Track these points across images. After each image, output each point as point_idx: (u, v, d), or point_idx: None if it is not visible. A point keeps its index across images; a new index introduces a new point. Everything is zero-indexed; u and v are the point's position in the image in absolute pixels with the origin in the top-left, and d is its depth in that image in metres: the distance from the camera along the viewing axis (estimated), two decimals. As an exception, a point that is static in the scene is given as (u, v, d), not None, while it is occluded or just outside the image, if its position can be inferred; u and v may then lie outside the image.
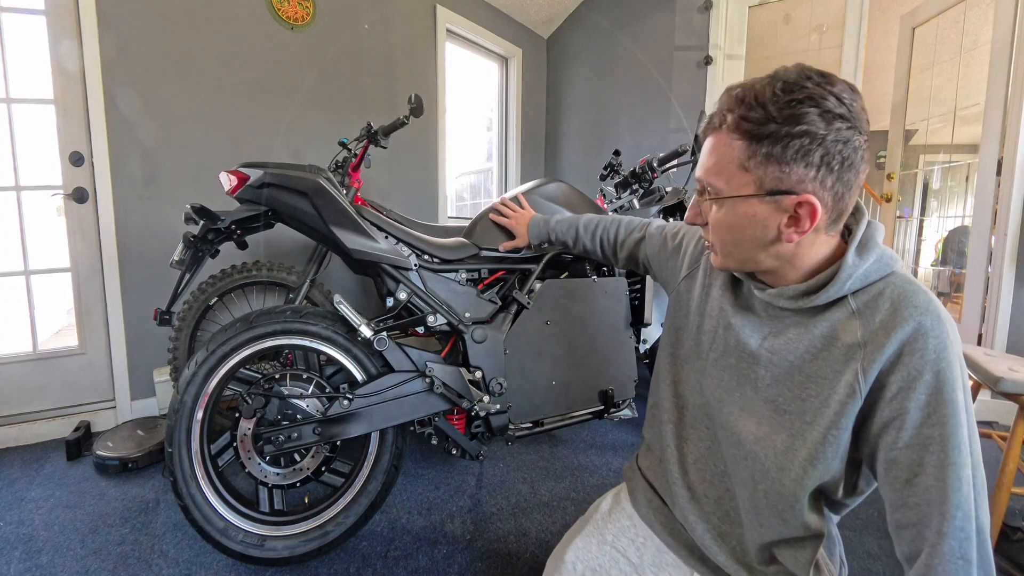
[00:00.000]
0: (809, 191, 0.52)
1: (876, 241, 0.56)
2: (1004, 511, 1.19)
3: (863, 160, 0.52)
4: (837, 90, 0.51)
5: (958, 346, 0.51)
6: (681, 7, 2.76)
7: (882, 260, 0.56)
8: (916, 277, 0.63)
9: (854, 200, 0.55)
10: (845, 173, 0.52)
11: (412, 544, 1.27)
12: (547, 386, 1.43)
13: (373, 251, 1.19)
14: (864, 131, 0.52)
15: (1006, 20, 2.13)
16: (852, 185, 0.53)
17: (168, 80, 1.99)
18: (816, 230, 0.55)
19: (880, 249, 0.56)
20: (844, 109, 0.50)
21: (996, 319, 2.10)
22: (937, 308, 0.52)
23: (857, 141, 0.51)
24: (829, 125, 0.50)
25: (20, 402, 1.85)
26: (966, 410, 0.50)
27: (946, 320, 0.51)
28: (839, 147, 0.50)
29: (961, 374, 0.50)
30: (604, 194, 1.81)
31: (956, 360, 0.50)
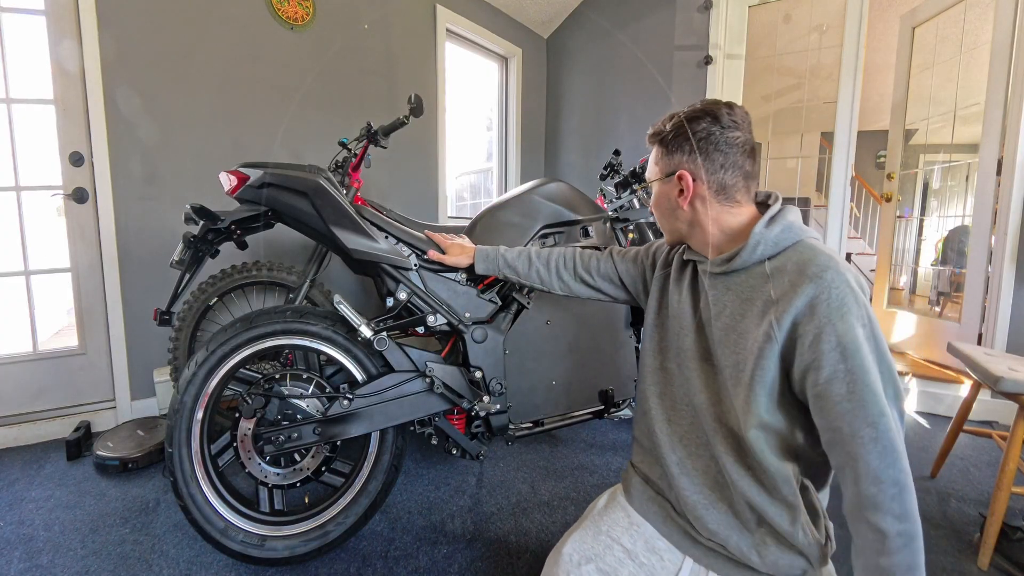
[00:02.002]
0: (684, 169, 0.75)
1: (786, 217, 0.70)
2: (1004, 511, 1.19)
3: (731, 147, 0.72)
4: (711, 107, 0.73)
5: (858, 292, 0.61)
6: (681, 7, 2.76)
7: (790, 230, 0.69)
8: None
9: (734, 177, 0.73)
10: (712, 155, 0.72)
11: (412, 544, 1.27)
12: (547, 386, 1.43)
13: (373, 251, 1.19)
14: (729, 127, 0.72)
15: (1006, 20, 2.13)
16: (724, 165, 0.72)
17: (168, 80, 1.99)
18: (702, 198, 0.75)
19: (788, 221, 0.70)
20: (710, 115, 0.72)
21: (996, 319, 2.10)
22: (837, 264, 0.63)
23: (718, 134, 0.72)
24: (694, 125, 0.73)
25: (20, 402, 1.85)
26: (871, 343, 0.60)
27: (844, 270, 0.62)
28: (701, 138, 0.73)
29: (865, 315, 0.60)
30: (604, 194, 1.81)
31: (857, 304, 0.60)
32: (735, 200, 0.74)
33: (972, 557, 1.23)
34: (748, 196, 0.75)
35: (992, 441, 1.88)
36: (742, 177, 0.73)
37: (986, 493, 1.53)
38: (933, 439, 1.95)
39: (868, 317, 0.61)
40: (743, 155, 0.73)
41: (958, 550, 1.26)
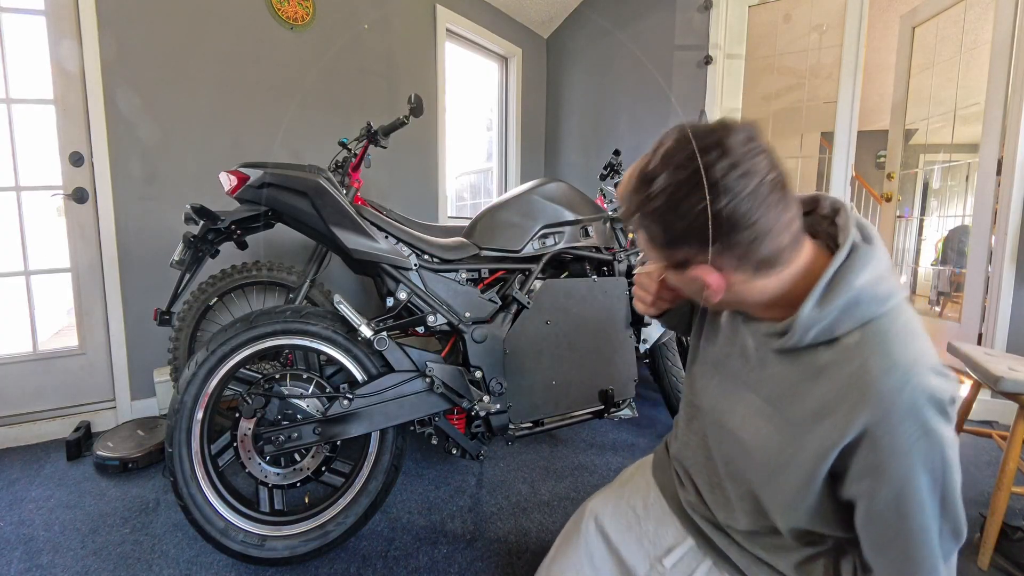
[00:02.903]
0: (699, 264, 0.54)
1: (852, 282, 0.51)
2: (1004, 511, 1.19)
3: (759, 208, 0.49)
4: (713, 163, 0.49)
5: (936, 428, 0.47)
6: (681, 7, 2.76)
7: (856, 307, 0.51)
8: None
9: (776, 240, 0.51)
10: (739, 236, 0.50)
11: (412, 544, 1.27)
12: (547, 386, 1.43)
13: (373, 251, 1.19)
14: (749, 184, 0.48)
15: (1006, 19, 2.13)
16: (759, 237, 0.50)
17: (168, 80, 1.99)
18: (735, 285, 0.55)
19: (854, 293, 0.51)
20: (718, 182, 0.48)
21: (996, 319, 2.10)
22: (915, 380, 0.47)
23: (738, 204, 0.48)
24: (694, 200, 0.49)
25: (20, 402, 1.85)
26: (937, 494, 0.49)
27: (923, 396, 0.46)
28: (714, 218, 0.49)
29: (939, 459, 0.48)
30: (604, 194, 1.81)
31: (930, 446, 0.47)
32: (785, 262, 0.54)
33: (972, 557, 1.23)
34: (799, 243, 0.54)
35: (992, 441, 1.88)
36: (786, 234, 0.52)
37: (986, 493, 1.53)
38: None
39: (942, 460, 0.48)
40: (777, 203, 0.50)
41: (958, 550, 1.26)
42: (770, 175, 0.50)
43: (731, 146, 0.49)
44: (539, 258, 1.45)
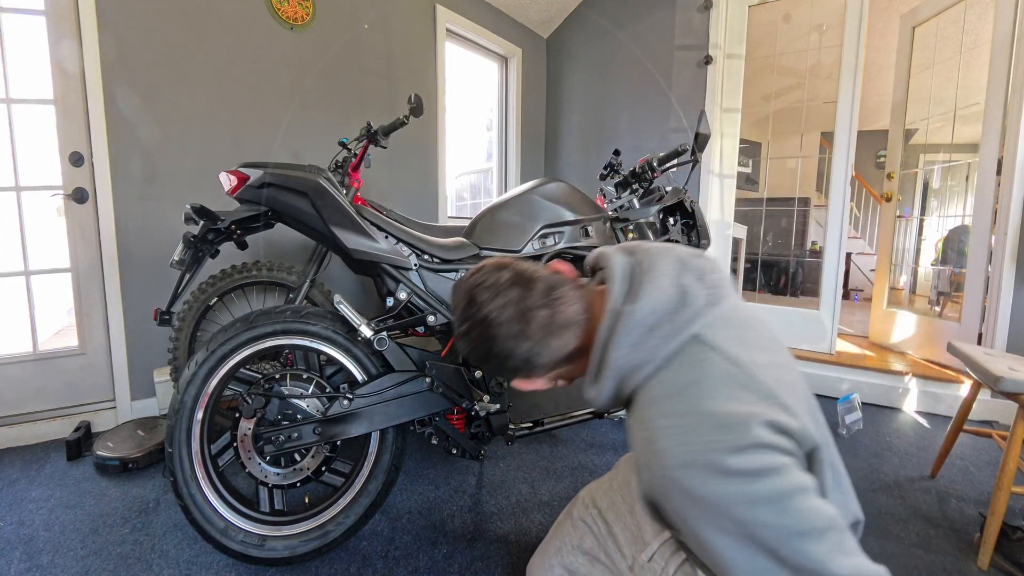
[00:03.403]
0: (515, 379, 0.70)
1: (608, 363, 0.59)
2: (1004, 511, 1.19)
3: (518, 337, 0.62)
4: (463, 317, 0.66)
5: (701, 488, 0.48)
6: (681, 7, 2.76)
7: (625, 381, 0.60)
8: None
9: (548, 353, 0.63)
10: (516, 364, 0.64)
11: (412, 544, 1.27)
12: (547, 386, 1.42)
13: (373, 251, 1.19)
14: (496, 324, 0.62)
15: (1006, 19, 2.13)
16: (530, 358, 0.63)
17: (168, 80, 1.99)
18: (550, 378, 0.69)
19: (615, 369, 0.59)
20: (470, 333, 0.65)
21: (996, 318, 2.10)
22: (666, 469, 0.50)
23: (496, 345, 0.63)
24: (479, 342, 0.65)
25: (20, 402, 1.85)
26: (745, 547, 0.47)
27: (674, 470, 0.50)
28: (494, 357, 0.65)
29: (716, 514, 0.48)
30: (604, 194, 1.81)
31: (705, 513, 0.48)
32: (576, 350, 0.65)
33: (972, 557, 1.23)
34: (581, 331, 0.64)
35: (992, 441, 1.88)
36: (552, 340, 0.63)
37: (986, 493, 1.53)
38: (933, 439, 1.95)
39: (736, 523, 0.47)
40: (521, 334, 0.62)
41: (958, 550, 1.26)
42: (507, 314, 0.62)
43: (477, 304, 0.63)
44: (539, 258, 1.44)
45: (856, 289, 5.49)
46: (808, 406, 0.60)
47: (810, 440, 0.53)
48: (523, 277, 0.64)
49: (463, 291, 0.66)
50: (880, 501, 1.49)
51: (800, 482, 0.49)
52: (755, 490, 0.47)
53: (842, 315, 2.67)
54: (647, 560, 0.75)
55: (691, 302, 0.58)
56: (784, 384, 0.56)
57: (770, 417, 0.50)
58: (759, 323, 0.64)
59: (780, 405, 0.52)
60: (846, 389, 2.36)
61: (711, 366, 0.54)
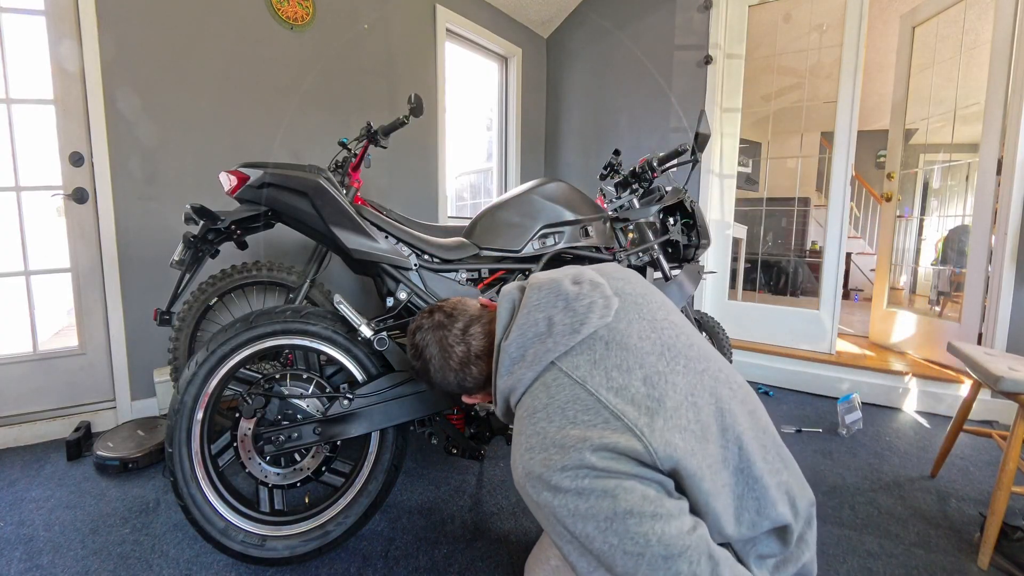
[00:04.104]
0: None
1: (497, 388, 0.72)
2: (1004, 511, 1.19)
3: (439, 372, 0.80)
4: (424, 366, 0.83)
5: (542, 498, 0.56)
6: (681, 6, 2.76)
7: (508, 402, 0.71)
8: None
9: (467, 378, 0.80)
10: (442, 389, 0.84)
11: (412, 544, 1.27)
12: (547, 386, 1.42)
13: (373, 251, 1.19)
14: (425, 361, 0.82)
15: (1006, 19, 2.13)
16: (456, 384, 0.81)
17: (168, 80, 1.99)
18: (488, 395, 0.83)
19: (500, 394, 0.72)
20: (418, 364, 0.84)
21: (996, 318, 2.10)
22: (515, 476, 0.60)
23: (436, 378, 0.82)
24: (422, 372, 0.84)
25: (20, 402, 1.85)
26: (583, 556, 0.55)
27: (524, 478, 0.59)
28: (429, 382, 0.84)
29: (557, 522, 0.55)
30: (604, 194, 1.81)
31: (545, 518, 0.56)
32: (486, 380, 0.80)
33: (972, 557, 1.23)
34: (485, 359, 0.80)
35: (992, 441, 1.88)
36: (464, 372, 0.79)
37: (986, 493, 1.53)
38: (933, 439, 1.95)
39: (571, 534, 0.55)
40: (444, 366, 0.79)
41: (958, 550, 1.26)
42: (431, 350, 0.80)
43: (416, 341, 0.83)
44: (539, 258, 1.45)
45: (856, 289, 5.49)
46: (711, 411, 0.62)
47: (670, 459, 0.55)
48: (445, 320, 0.80)
49: (409, 332, 0.84)
50: (880, 501, 1.49)
51: (635, 507, 0.52)
52: (579, 507, 0.53)
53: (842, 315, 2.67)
54: None
55: (553, 333, 0.66)
56: (651, 399, 0.59)
57: (605, 441, 0.54)
58: (646, 336, 0.67)
59: (626, 427, 0.56)
60: (846, 389, 2.36)
61: (559, 391, 0.62)
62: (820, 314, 2.54)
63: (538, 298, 0.71)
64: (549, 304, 0.69)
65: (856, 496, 1.51)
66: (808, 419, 2.12)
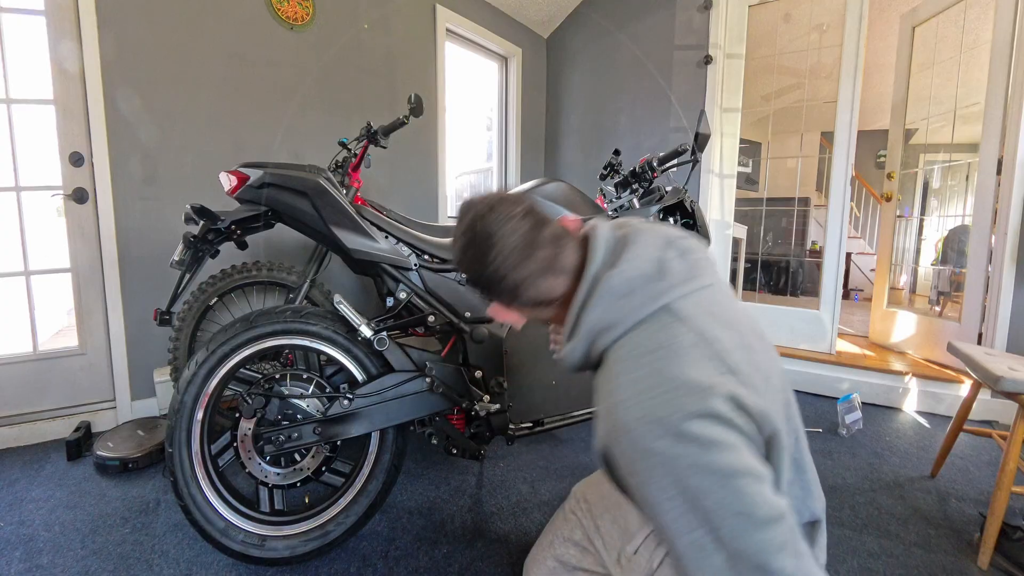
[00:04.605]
0: (493, 304, 0.72)
1: (583, 323, 0.63)
2: (1004, 511, 1.19)
3: (508, 267, 0.64)
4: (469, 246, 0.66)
5: (661, 449, 0.48)
6: (681, 6, 2.76)
7: (596, 341, 0.62)
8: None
9: (533, 289, 0.65)
10: (499, 287, 0.66)
11: (412, 544, 1.27)
12: (547, 386, 1.43)
13: (373, 251, 1.19)
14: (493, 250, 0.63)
15: (1006, 19, 2.13)
16: (516, 287, 0.65)
17: (168, 80, 1.99)
18: (528, 315, 0.72)
19: (588, 329, 0.62)
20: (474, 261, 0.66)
21: (996, 318, 2.10)
22: (624, 415, 0.51)
23: (488, 268, 0.64)
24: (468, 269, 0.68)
25: (20, 402, 1.85)
26: (694, 513, 0.47)
27: (635, 427, 0.50)
28: (481, 277, 0.67)
29: (670, 478, 0.48)
30: (604, 194, 1.81)
31: (656, 469, 0.48)
32: (556, 298, 0.67)
33: (972, 557, 1.23)
34: (565, 280, 0.67)
35: (992, 441, 1.88)
36: (541, 281, 0.65)
37: (986, 493, 1.53)
38: (933, 439, 1.95)
39: (683, 487, 0.47)
40: (524, 261, 0.64)
41: (958, 550, 1.26)
42: (513, 240, 0.63)
43: (487, 222, 0.64)
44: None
45: (856, 289, 5.49)
46: (782, 397, 0.60)
47: (770, 425, 0.53)
48: (537, 216, 0.67)
49: (478, 206, 0.67)
50: (880, 501, 1.49)
51: (750, 466, 0.48)
52: (703, 459, 0.47)
53: (842, 315, 2.67)
54: (633, 552, 0.78)
55: (668, 275, 0.60)
56: (752, 366, 0.56)
57: (731, 391, 0.50)
58: (739, 311, 0.65)
59: (743, 383, 0.52)
60: (846, 389, 2.36)
61: (679, 335, 0.56)
62: (820, 314, 2.54)
63: (646, 239, 0.64)
64: (659, 247, 0.64)
65: (856, 496, 1.51)
66: (808, 419, 2.12)
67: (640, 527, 0.80)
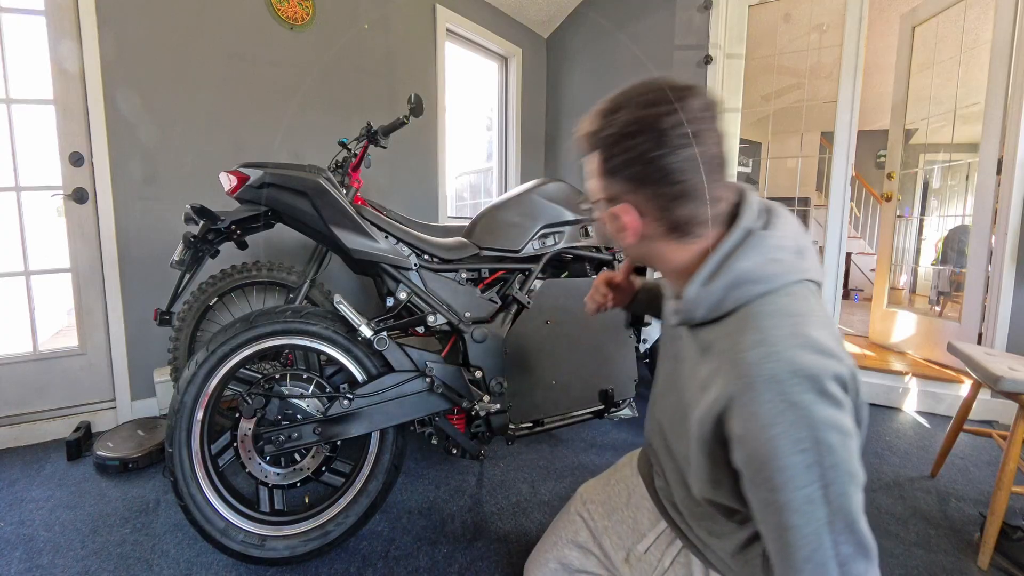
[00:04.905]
0: (626, 201, 0.58)
1: (734, 266, 0.56)
2: (1004, 510, 1.19)
3: (686, 171, 0.54)
4: (651, 115, 0.54)
5: (804, 406, 0.48)
6: (681, 6, 2.76)
7: (736, 290, 0.55)
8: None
9: (692, 208, 0.56)
10: (661, 186, 0.55)
11: (412, 544, 1.27)
12: (547, 386, 1.43)
13: (373, 251, 1.19)
14: (680, 145, 0.53)
15: (1006, 19, 2.13)
16: (678, 197, 0.55)
17: (168, 80, 1.99)
18: (649, 238, 0.60)
19: (735, 275, 0.55)
20: (651, 130, 0.54)
21: (996, 318, 2.10)
22: (775, 366, 0.49)
23: (665, 158, 0.53)
24: (630, 142, 0.55)
25: (20, 402, 1.85)
26: (816, 467, 0.47)
27: (786, 378, 0.48)
28: (642, 163, 0.55)
29: (809, 437, 0.47)
30: (604, 194, 1.81)
31: (794, 426, 0.47)
32: (695, 235, 0.59)
33: (972, 557, 1.23)
34: (716, 224, 0.59)
35: (992, 440, 1.88)
36: (703, 206, 0.57)
37: (986, 492, 1.53)
38: (933, 439, 1.95)
39: (816, 441, 0.47)
40: (708, 176, 0.55)
41: (958, 550, 1.26)
42: (713, 149, 0.55)
43: (690, 107, 0.54)
44: (539, 258, 1.45)
45: (856, 289, 5.49)
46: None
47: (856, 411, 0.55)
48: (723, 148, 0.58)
49: (664, 84, 0.56)
50: (880, 501, 1.49)
51: (856, 432, 0.51)
52: (835, 417, 0.48)
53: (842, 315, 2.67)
54: (643, 551, 0.78)
55: (806, 256, 0.59)
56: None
57: (852, 367, 0.53)
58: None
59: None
60: (846, 389, 2.36)
61: (816, 309, 0.55)
62: (820, 314, 2.54)
63: (789, 218, 0.62)
64: (799, 229, 0.62)
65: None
66: (808, 419, 2.12)
67: (652, 526, 0.80)
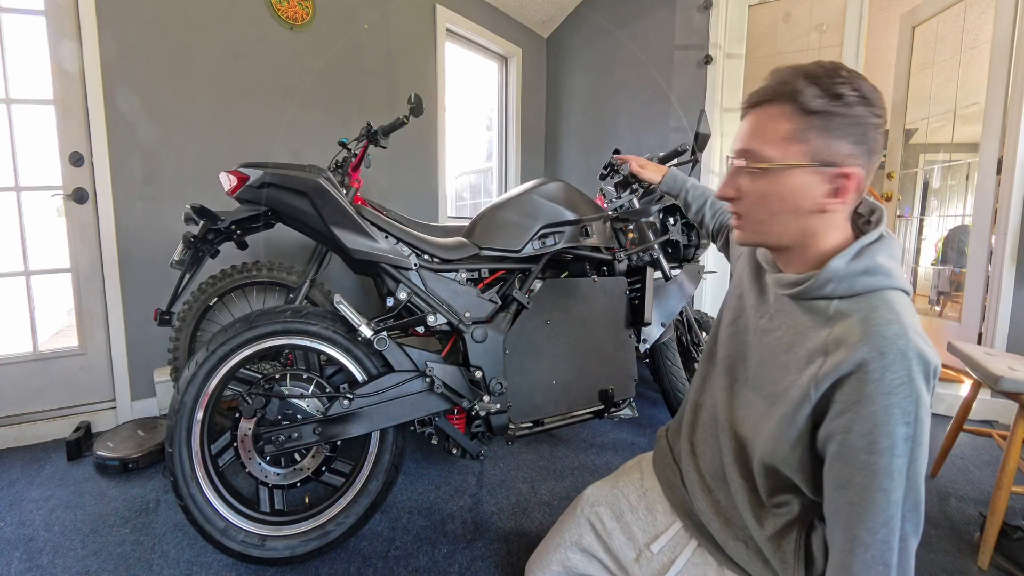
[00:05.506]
0: (855, 167, 0.58)
1: (875, 255, 0.59)
2: (1004, 510, 1.19)
3: (882, 148, 0.60)
4: (866, 84, 0.58)
5: (919, 385, 0.52)
6: (681, 6, 2.76)
7: (874, 274, 0.59)
8: (916, 276, 0.64)
9: (867, 186, 0.61)
10: (873, 156, 0.59)
11: (413, 544, 1.27)
12: (547, 386, 1.43)
13: (373, 251, 1.19)
14: (885, 123, 0.59)
15: (1006, 19, 2.13)
16: (874, 170, 0.61)
17: (168, 80, 1.99)
18: (844, 206, 0.61)
19: (876, 263, 0.59)
20: (874, 98, 0.57)
21: (996, 318, 2.10)
22: (909, 340, 0.53)
23: (881, 131, 0.59)
24: (867, 109, 0.57)
25: (20, 402, 1.85)
26: (908, 447, 0.52)
27: (915, 353, 0.52)
28: (871, 132, 0.57)
29: (914, 414, 0.52)
30: (604, 193, 1.81)
31: (910, 399, 0.52)
32: (847, 220, 0.63)
33: (972, 557, 1.23)
34: (857, 210, 0.65)
35: (992, 440, 1.88)
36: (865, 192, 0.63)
37: (986, 492, 1.53)
38: (933, 439, 1.94)
39: (917, 417, 0.52)
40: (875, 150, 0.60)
41: (958, 550, 1.26)
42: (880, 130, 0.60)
43: (873, 95, 0.58)
44: (539, 258, 1.45)
45: (856, 289, 5.48)
46: None
47: None
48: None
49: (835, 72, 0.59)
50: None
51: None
52: (929, 404, 0.53)
53: (842, 315, 2.65)
54: (656, 551, 0.78)
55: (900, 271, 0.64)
56: None
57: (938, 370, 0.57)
58: None
59: None
60: (846, 389, 2.36)
61: (915, 314, 0.59)
62: (820, 314, 2.54)
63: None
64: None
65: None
66: (808, 419, 2.12)
67: (667, 526, 0.80)
